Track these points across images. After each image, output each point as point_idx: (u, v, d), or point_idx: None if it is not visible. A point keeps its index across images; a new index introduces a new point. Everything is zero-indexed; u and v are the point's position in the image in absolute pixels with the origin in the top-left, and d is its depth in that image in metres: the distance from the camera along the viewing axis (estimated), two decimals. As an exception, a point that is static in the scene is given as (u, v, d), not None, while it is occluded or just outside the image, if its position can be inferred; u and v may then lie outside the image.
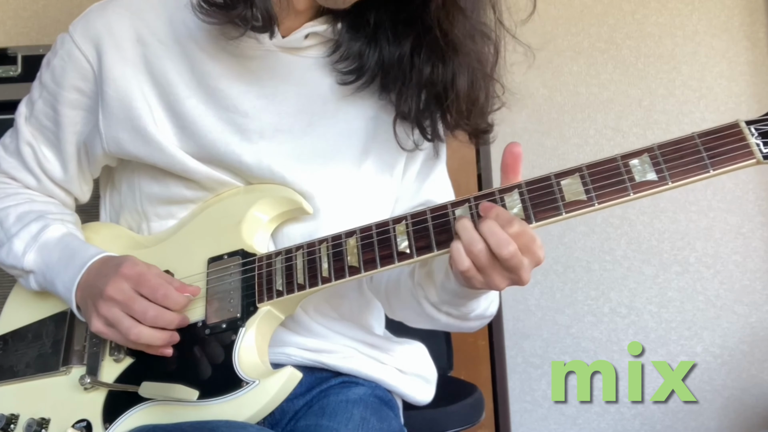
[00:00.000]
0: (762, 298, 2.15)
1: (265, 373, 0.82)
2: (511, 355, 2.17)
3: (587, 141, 2.17)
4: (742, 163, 0.72)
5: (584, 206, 0.75)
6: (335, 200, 0.93)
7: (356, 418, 0.91)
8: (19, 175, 0.99)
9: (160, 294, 0.84)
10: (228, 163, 0.92)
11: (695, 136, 0.74)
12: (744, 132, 0.72)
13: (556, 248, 2.17)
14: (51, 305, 0.97)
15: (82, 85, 0.92)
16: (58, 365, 0.92)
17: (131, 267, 0.86)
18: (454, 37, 0.86)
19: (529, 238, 0.74)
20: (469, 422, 1.47)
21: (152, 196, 0.96)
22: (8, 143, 1.01)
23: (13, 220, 0.95)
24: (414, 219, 0.81)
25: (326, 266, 0.83)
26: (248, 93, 0.91)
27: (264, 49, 0.90)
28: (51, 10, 2.00)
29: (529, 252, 0.75)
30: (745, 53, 2.16)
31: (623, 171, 0.74)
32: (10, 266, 0.95)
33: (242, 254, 0.89)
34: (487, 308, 0.92)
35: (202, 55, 0.90)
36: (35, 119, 0.97)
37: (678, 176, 0.73)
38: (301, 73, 0.93)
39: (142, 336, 0.83)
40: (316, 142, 0.94)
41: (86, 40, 0.90)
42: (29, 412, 0.91)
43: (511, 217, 0.74)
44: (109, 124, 0.91)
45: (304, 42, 0.91)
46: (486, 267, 0.75)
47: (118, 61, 0.90)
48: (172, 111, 0.91)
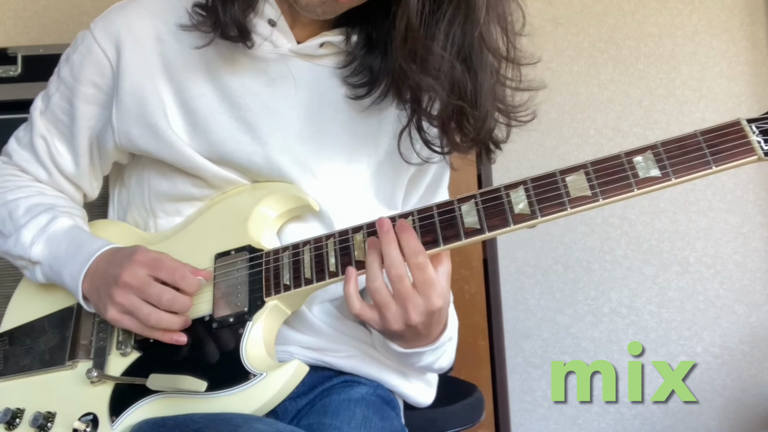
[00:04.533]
0: (762, 298, 2.15)
1: (272, 366, 0.83)
2: (511, 355, 2.17)
3: (587, 141, 2.17)
4: (744, 160, 0.74)
5: (589, 201, 0.76)
6: (342, 205, 0.94)
7: (359, 417, 0.91)
8: (31, 168, 1.01)
9: (178, 275, 0.86)
10: (237, 162, 0.92)
11: (698, 133, 0.75)
12: (745, 130, 0.74)
13: (556, 248, 2.17)
14: (57, 300, 0.98)
15: (99, 80, 0.93)
16: (65, 359, 0.93)
17: (145, 253, 0.87)
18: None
19: (428, 277, 0.77)
20: (469, 422, 1.47)
21: (160, 193, 0.97)
22: (22, 136, 1.02)
23: (23, 211, 0.96)
24: (421, 214, 0.82)
25: (333, 261, 0.84)
26: (261, 95, 0.92)
27: (279, 53, 0.91)
28: (51, 10, 2.00)
29: (424, 295, 0.78)
30: (745, 53, 2.16)
31: (627, 167, 0.76)
32: (17, 257, 0.96)
33: (249, 249, 0.90)
34: (433, 362, 0.93)
35: (218, 55, 0.92)
36: (51, 113, 0.98)
37: (681, 172, 0.74)
38: (314, 80, 0.93)
39: (162, 321, 0.85)
40: (325, 147, 0.94)
41: (106, 37, 0.92)
42: (35, 406, 0.91)
43: (419, 249, 0.78)
44: (121, 119, 0.92)
45: (318, 50, 0.92)
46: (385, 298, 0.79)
47: (136, 58, 0.91)
48: (185, 108, 0.92)
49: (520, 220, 0.78)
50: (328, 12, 0.85)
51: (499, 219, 0.78)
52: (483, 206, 0.79)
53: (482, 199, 0.80)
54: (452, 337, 0.94)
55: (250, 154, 0.92)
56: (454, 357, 0.98)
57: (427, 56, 0.82)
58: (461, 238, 0.79)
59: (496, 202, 0.79)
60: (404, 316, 0.79)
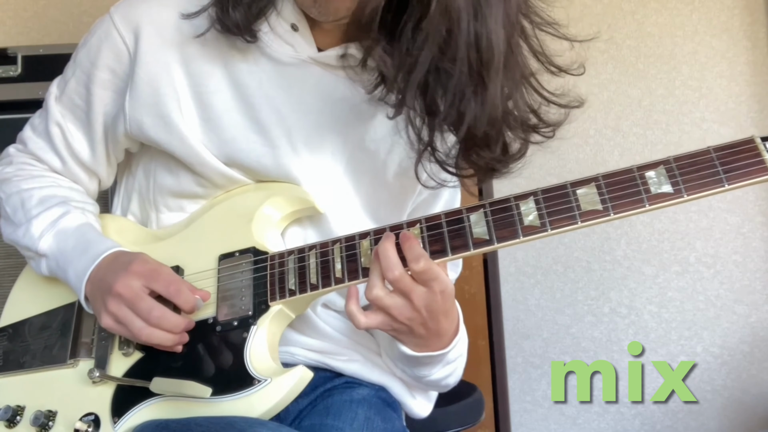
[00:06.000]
0: (762, 298, 2.15)
1: (276, 371, 0.82)
2: (511, 355, 2.17)
3: (587, 141, 2.16)
4: (758, 179, 0.72)
5: (600, 216, 0.75)
6: (344, 215, 0.94)
7: (361, 418, 0.91)
8: (45, 156, 0.99)
9: (173, 288, 0.85)
10: (246, 161, 0.92)
11: (711, 150, 0.74)
12: (759, 148, 0.73)
13: (556, 248, 2.17)
14: (58, 296, 0.97)
15: (116, 66, 0.92)
16: (66, 358, 0.92)
17: (142, 264, 0.86)
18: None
19: (431, 275, 0.77)
20: (469, 422, 1.46)
21: (164, 188, 0.96)
22: (37, 124, 1.01)
23: (36, 202, 0.95)
24: (429, 223, 0.81)
25: (339, 267, 0.83)
26: (277, 98, 0.91)
27: (298, 58, 0.90)
28: (51, 10, 2.00)
29: (426, 284, 0.78)
30: (745, 53, 2.16)
31: (639, 182, 0.75)
32: (25, 247, 0.95)
33: (254, 252, 0.89)
34: (442, 378, 0.93)
35: (238, 53, 0.91)
36: (67, 97, 0.97)
37: (693, 189, 0.73)
38: (329, 89, 0.91)
39: (153, 337, 0.83)
40: (331, 157, 0.94)
41: (126, 23, 0.91)
42: (36, 405, 0.90)
43: (420, 254, 0.77)
44: (134, 106, 0.91)
45: (338, 60, 0.90)
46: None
47: (154, 47, 0.90)
48: (199, 102, 0.91)
49: (529, 233, 0.77)
50: (323, 14, 0.83)
51: (509, 230, 0.77)
52: (492, 217, 0.78)
53: (492, 209, 0.79)
54: (462, 353, 0.93)
55: (260, 155, 0.91)
56: (461, 376, 0.97)
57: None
58: (470, 248, 0.78)
59: (505, 213, 0.78)
60: (409, 304, 0.78)
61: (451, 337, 0.87)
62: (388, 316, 0.80)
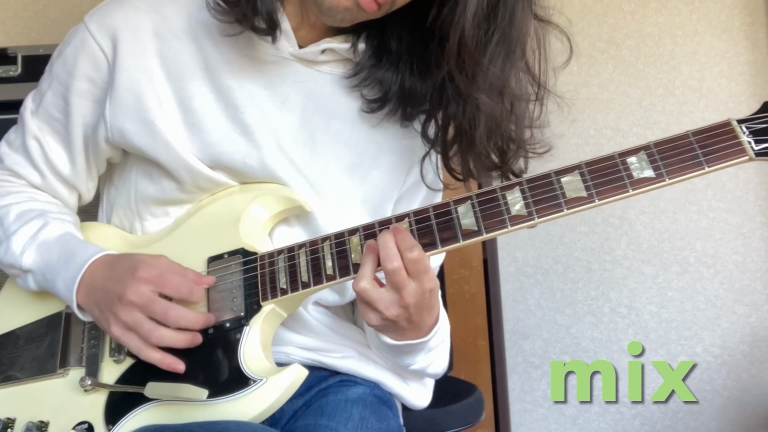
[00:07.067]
0: (762, 298, 2.15)
1: (271, 371, 0.82)
2: (511, 355, 2.17)
3: (587, 141, 2.16)
4: (736, 160, 0.74)
5: (585, 203, 0.77)
6: (332, 211, 0.94)
7: (355, 418, 0.91)
8: (23, 171, 0.97)
9: (184, 291, 0.84)
10: (231, 163, 0.91)
11: (690, 134, 0.76)
12: (736, 130, 0.75)
13: (556, 248, 2.17)
14: (44, 306, 0.96)
15: (94, 75, 0.91)
16: (56, 367, 0.91)
17: (148, 269, 0.84)
18: (468, 88, 0.84)
19: (423, 266, 0.78)
20: (469, 422, 1.47)
21: (147, 196, 0.95)
22: (13, 139, 0.99)
23: (13, 218, 0.94)
24: (417, 216, 0.82)
25: (330, 264, 0.83)
26: (259, 96, 0.91)
27: (280, 56, 0.90)
28: (51, 10, 2.00)
29: (417, 279, 0.78)
30: (745, 53, 2.16)
31: (621, 168, 0.76)
32: (8, 265, 0.93)
33: (243, 253, 0.89)
34: (426, 366, 0.93)
35: (218, 54, 0.90)
36: (44, 110, 0.95)
37: (675, 173, 0.75)
38: (313, 86, 0.92)
39: (164, 338, 0.83)
40: (318, 154, 0.93)
41: (102, 30, 0.90)
42: (27, 416, 0.89)
43: (414, 243, 0.78)
44: (115, 114, 0.90)
45: (320, 56, 0.91)
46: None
47: (133, 53, 0.89)
48: (181, 106, 0.90)
49: (517, 222, 0.78)
50: (347, 19, 0.84)
51: (497, 220, 0.79)
52: (480, 208, 0.79)
53: (479, 200, 0.80)
54: (444, 339, 0.93)
55: (245, 156, 0.91)
56: (447, 363, 0.98)
57: (477, 71, 0.83)
58: (459, 240, 0.79)
59: (492, 204, 0.79)
60: (398, 300, 0.79)
61: (430, 327, 0.87)
62: (374, 311, 0.80)
